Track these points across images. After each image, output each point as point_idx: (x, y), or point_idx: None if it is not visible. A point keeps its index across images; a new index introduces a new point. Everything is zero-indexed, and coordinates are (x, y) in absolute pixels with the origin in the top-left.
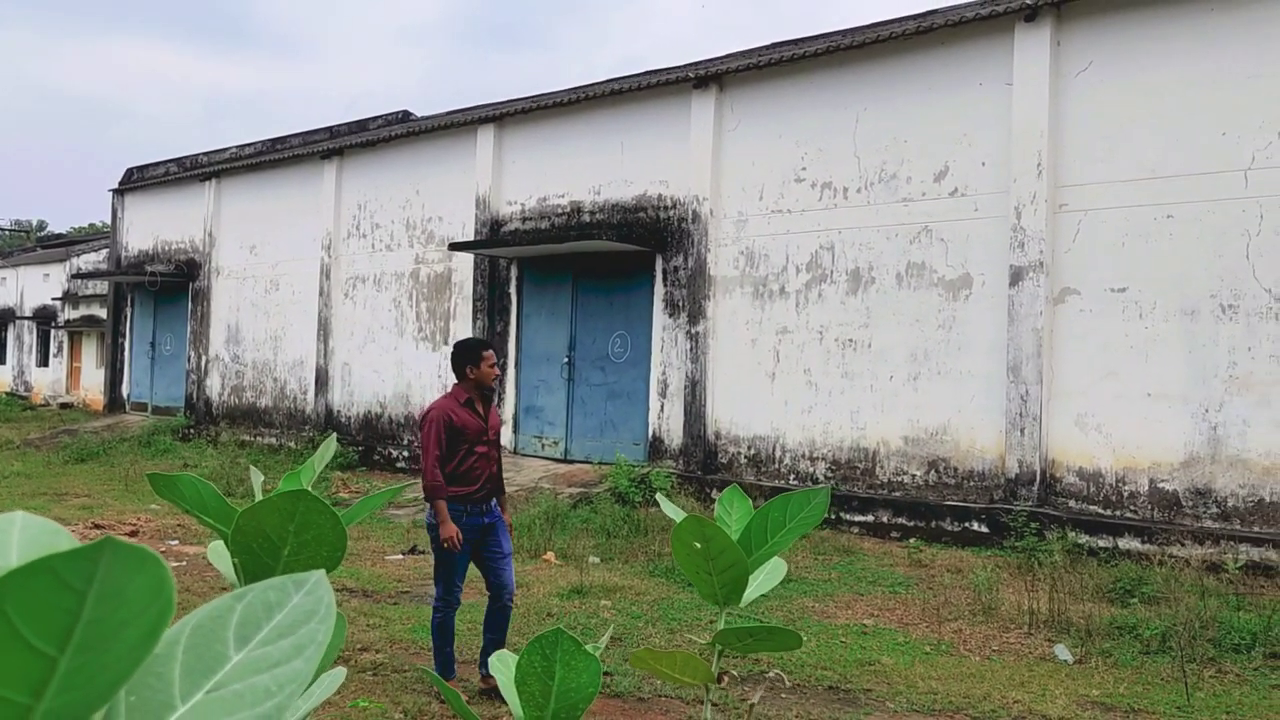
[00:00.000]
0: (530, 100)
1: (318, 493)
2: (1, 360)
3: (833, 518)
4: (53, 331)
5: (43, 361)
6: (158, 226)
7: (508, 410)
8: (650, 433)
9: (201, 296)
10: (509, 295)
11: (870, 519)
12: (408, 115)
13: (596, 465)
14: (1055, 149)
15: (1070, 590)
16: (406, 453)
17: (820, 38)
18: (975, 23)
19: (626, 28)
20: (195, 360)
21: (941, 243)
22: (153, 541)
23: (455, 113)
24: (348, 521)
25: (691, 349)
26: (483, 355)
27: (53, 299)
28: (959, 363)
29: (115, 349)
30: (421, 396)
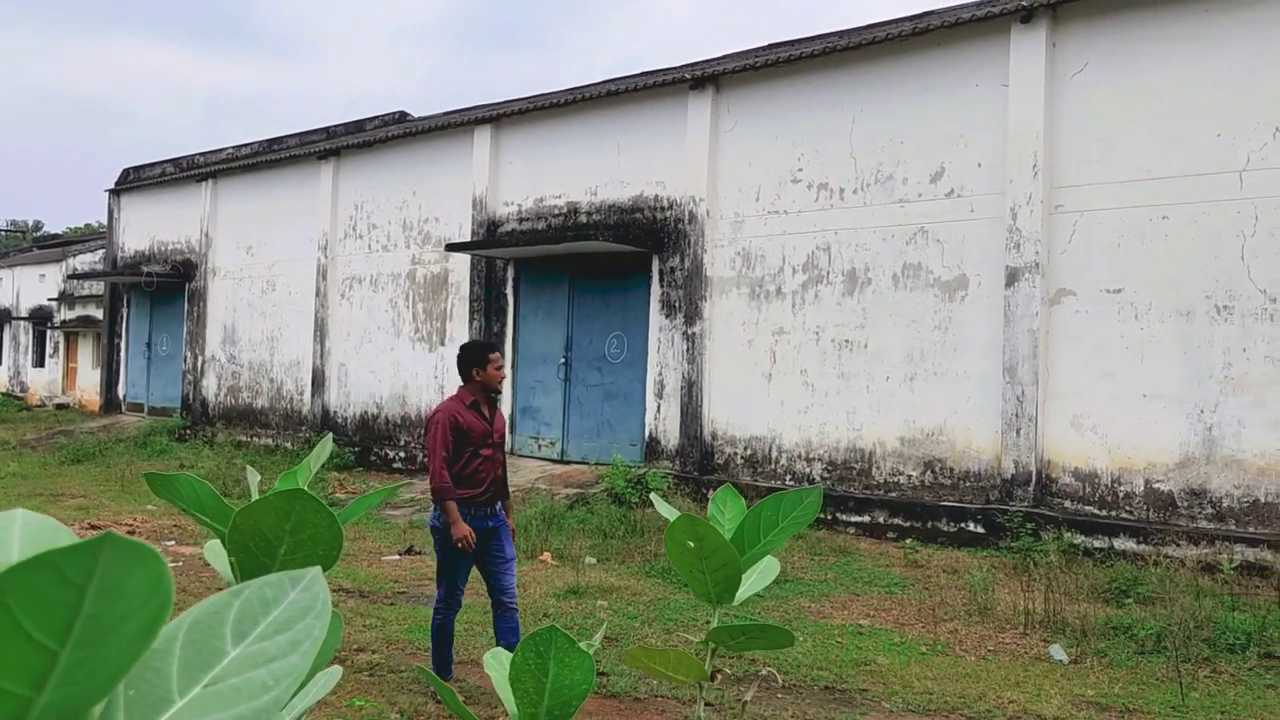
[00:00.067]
0: (527, 101)
1: (314, 492)
2: None
3: (829, 518)
4: (49, 332)
5: (39, 362)
6: (154, 227)
7: (504, 411)
8: (647, 433)
9: (198, 297)
10: (505, 296)
11: (866, 519)
12: (405, 116)
13: (593, 466)
14: (1051, 150)
15: (1065, 590)
16: (403, 453)
17: (816, 39)
18: (971, 24)
19: (626, 28)
20: (191, 361)
21: (937, 244)
22: (149, 542)
23: (452, 113)
24: (344, 520)
25: (688, 350)
26: (489, 358)
27: (49, 299)
28: (955, 363)
29: (111, 349)
30: (418, 397)
